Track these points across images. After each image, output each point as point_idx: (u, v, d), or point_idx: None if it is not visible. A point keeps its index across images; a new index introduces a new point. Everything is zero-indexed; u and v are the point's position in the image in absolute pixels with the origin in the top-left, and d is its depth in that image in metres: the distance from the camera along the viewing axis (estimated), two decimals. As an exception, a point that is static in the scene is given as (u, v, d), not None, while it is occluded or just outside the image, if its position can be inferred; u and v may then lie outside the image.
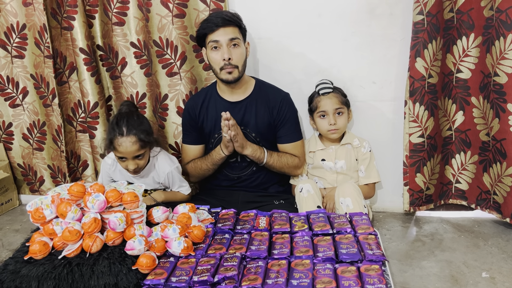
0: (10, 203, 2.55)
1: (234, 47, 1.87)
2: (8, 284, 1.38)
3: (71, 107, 2.33)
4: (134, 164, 1.84)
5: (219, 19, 1.85)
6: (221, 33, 1.85)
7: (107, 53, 2.22)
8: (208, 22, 1.87)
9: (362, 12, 2.01)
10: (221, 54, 1.86)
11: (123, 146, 1.80)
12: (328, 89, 2.00)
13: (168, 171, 1.97)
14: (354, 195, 1.87)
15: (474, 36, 1.92)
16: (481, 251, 1.87)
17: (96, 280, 1.35)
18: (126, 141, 1.80)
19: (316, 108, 2.03)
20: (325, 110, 2.00)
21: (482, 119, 1.99)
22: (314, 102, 2.04)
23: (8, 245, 2.10)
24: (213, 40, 1.86)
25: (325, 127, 2.02)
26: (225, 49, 1.85)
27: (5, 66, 2.35)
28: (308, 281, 1.29)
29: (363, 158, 2.06)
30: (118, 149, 1.81)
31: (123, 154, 1.82)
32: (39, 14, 2.15)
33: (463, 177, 2.14)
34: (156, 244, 1.47)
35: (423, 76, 1.93)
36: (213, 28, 1.85)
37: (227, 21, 1.85)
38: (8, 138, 2.51)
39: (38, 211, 1.49)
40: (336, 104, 2.00)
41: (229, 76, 1.88)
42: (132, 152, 1.82)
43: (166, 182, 2.00)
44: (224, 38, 1.85)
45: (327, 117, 2.00)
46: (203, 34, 1.89)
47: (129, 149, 1.80)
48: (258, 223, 1.68)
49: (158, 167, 1.97)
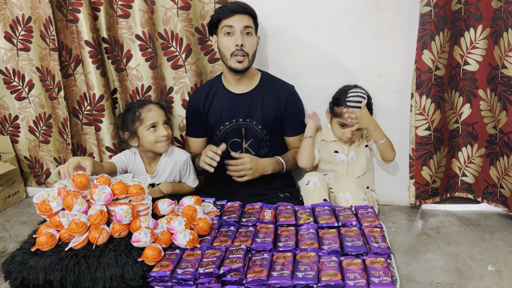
0: (17, 195, 2.56)
1: (247, 35, 1.87)
2: (15, 275, 1.39)
3: (76, 100, 2.33)
4: (165, 129, 1.92)
5: (236, 5, 1.86)
6: (236, 19, 1.85)
7: (112, 45, 2.21)
8: (223, 8, 1.88)
9: (368, 3, 1.99)
10: (234, 40, 1.86)
11: (152, 110, 1.91)
12: (358, 105, 1.91)
13: (184, 159, 2.00)
14: (353, 189, 1.86)
15: (482, 27, 1.89)
16: (487, 245, 1.86)
17: (103, 271, 1.35)
18: (153, 107, 1.92)
19: (339, 116, 1.96)
20: (347, 123, 1.93)
21: (489, 111, 1.97)
22: (339, 109, 1.95)
23: (16, 237, 2.12)
24: (227, 25, 1.86)
25: (340, 135, 2.00)
26: (238, 35, 1.85)
27: (11, 59, 2.35)
28: (313, 273, 1.29)
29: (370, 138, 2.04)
30: (148, 115, 1.90)
31: (154, 119, 1.90)
32: (44, 7, 2.15)
33: (470, 170, 2.13)
34: (162, 236, 1.48)
35: (430, 69, 1.92)
36: (228, 14, 1.86)
37: (244, 8, 1.87)
38: (14, 131, 2.52)
39: (44, 203, 1.50)
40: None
41: (239, 65, 1.88)
42: (162, 115, 1.92)
43: (182, 171, 2.02)
44: (238, 25, 1.85)
45: (346, 129, 1.96)
46: (218, 19, 1.89)
47: (158, 111, 1.92)
48: (263, 215, 1.68)
49: (175, 157, 2.00)
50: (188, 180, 2.05)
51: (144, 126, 1.89)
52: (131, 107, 1.97)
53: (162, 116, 1.92)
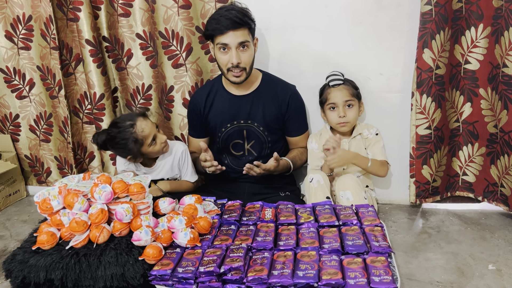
0: (18, 194, 2.56)
1: (243, 49, 1.83)
2: (16, 274, 1.39)
3: (77, 99, 2.33)
4: (162, 134, 1.94)
5: (229, 21, 1.77)
6: (230, 36, 1.79)
7: (113, 44, 2.21)
8: (217, 23, 1.79)
9: (369, 2, 1.99)
10: (229, 57, 1.82)
11: (144, 126, 1.86)
12: (339, 81, 1.98)
13: (182, 150, 2.01)
14: (354, 188, 1.85)
15: (483, 26, 1.89)
16: (487, 244, 1.86)
17: (103, 270, 1.36)
18: (142, 123, 1.87)
19: (326, 100, 2.00)
20: (334, 102, 1.97)
21: (490, 110, 1.97)
22: (324, 94, 2.02)
23: (16, 236, 2.12)
24: (221, 43, 1.81)
25: (334, 119, 2.00)
26: (233, 52, 1.80)
27: (11, 57, 2.35)
28: (314, 272, 1.29)
29: (369, 143, 2.04)
30: (146, 134, 1.86)
31: (151, 133, 1.87)
32: (45, 6, 2.15)
33: (470, 169, 2.13)
34: (163, 235, 1.48)
35: (431, 67, 1.91)
36: (222, 31, 1.78)
37: (238, 23, 1.78)
38: (15, 130, 2.52)
39: (45, 202, 1.50)
40: (346, 96, 1.97)
41: (236, 79, 1.88)
42: (150, 123, 1.90)
43: (181, 163, 2.02)
44: (233, 42, 1.79)
45: (337, 109, 1.98)
46: (211, 36, 1.85)
47: (146, 122, 1.89)
48: (264, 214, 1.68)
49: (174, 149, 2.01)
50: (187, 173, 2.05)
51: (147, 145, 1.88)
52: (120, 135, 1.84)
53: (151, 124, 1.91)
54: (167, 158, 2.01)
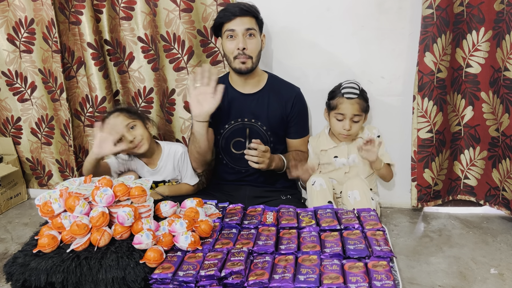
0: (19, 197, 2.57)
1: (250, 37, 1.87)
2: (17, 277, 1.39)
3: (79, 102, 2.34)
4: (131, 134, 1.92)
5: (237, 8, 1.85)
6: (238, 22, 1.85)
7: (115, 47, 2.22)
8: (225, 11, 1.87)
9: (370, 6, 1.99)
10: (236, 43, 1.86)
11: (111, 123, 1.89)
12: (354, 94, 1.94)
13: (182, 151, 2.03)
14: (362, 188, 1.86)
15: (484, 30, 1.89)
16: (489, 248, 1.85)
17: (104, 273, 1.35)
18: (113, 119, 1.91)
19: (335, 108, 1.97)
20: (343, 113, 1.95)
21: (491, 114, 1.97)
22: (335, 100, 1.97)
23: (17, 239, 2.12)
24: (229, 29, 1.86)
25: (338, 129, 1.99)
26: (240, 38, 1.85)
27: (13, 60, 2.36)
28: (315, 276, 1.29)
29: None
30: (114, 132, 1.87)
31: (118, 133, 1.88)
32: (47, 9, 2.15)
33: (472, 173, 2.12)
34: (164, 238, 1.47)
35: (432, 71, 1.91)
36: (230, 17, 1.85)
37: (245, 11, 1.85)
38: (16, 133, 2.53)
39: (46, 205, 1.50)
40: (356, 111, 1.94)
41: (242, 65, 1.89)
42: (122, 121, 1.91)
43: (180, 164, 2.04)
44: (240, 28, 1.85)
45: (344, 121, 1.96)
46: (220, 23, 1.89)
47: (119, 119, 1.92)
48: (265, 218, 1.68)
49: (174, 150, 2.04)
50: (186, 175, 2.05)
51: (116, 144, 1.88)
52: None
53: (122, 123, 1.91)
54: (167, 159, 2.02)
